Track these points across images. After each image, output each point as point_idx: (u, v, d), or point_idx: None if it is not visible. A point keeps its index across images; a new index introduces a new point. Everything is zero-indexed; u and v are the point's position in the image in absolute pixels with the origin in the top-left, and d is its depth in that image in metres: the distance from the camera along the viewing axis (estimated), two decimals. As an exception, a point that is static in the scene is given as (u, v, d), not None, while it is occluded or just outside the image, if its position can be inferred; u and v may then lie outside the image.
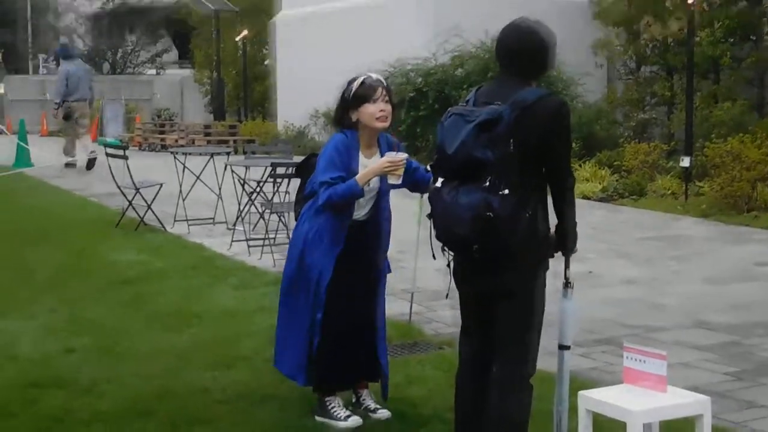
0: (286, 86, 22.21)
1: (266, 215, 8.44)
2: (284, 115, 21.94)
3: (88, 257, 8.18)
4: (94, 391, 4.61)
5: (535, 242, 3.34)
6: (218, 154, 10.97)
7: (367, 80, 4.12)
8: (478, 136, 3.24)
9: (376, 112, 4.07)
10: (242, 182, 8.71)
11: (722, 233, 9.56)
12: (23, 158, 16.57)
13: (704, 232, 9.67)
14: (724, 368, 5.02)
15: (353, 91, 4.10)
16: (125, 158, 9.43)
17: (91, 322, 5.96)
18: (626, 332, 5.70)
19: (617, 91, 17.01)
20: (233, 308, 6.30)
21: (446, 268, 3.53)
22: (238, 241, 8.59)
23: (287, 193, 7.60)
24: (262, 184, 8.50)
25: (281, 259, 6.16)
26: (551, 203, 3.43)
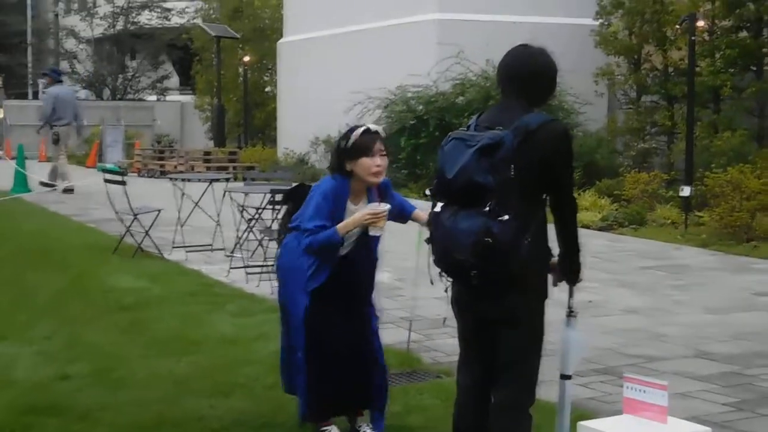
0: (287, 113, 22.29)
1: (264, 242, 8.42)
2: (284, 141, 21.99)
3: (85, 283, 8.15)
4: (89, 417, 4.56)
5: (535, 269, 3.31)
6: (217, 180, 10.97)
7: (365, 132, 4.09)
8: (479, 160, 3.22)
9: (372, 166, 4.06)
10: (241, 209, 8.70)
11: (722, 263, 9.54)
12: (21, 183, 16.59)
13: (704, 261, 9.65)
14: (724, 398, 4.98)
15: (352, 142, 4.08)
16: (123, 184, 9.43)
17: (88, 347, 5.92)
18: (626, 362, 5.67)
19: (618, 120, 17.06)
20: (232, 335, 6.27)
21: (444, 294, 3.50)
22: (236, 268, 8.57)
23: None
24: (260, 210, 8.49)
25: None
26: (552, 230, 3.41)
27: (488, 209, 3.17)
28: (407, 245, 4.84)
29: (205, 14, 30.76)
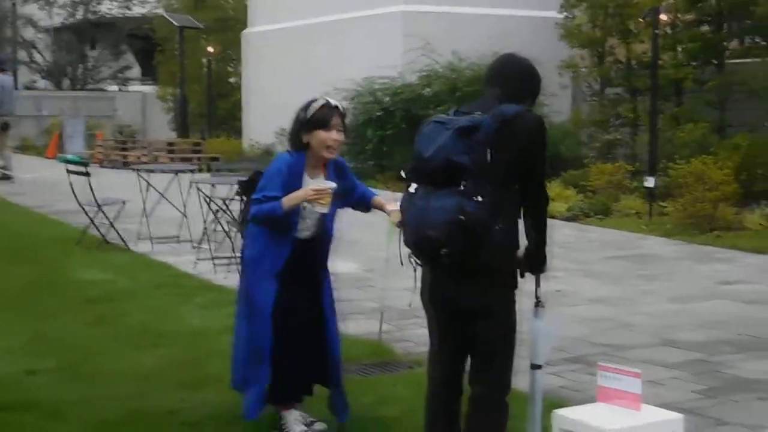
0: (252, 103, 22.14)
1: (232, 233, 8.37)
2: (250, 132, 21.85)
3: (50, 275, 8.03)
4: (59, 414, 4.49)
5: (506, 258, 3.33)
6: (183, 171, 10.87)
7: (326, 105, 4.09)
8: (456, 141, 3.23)
9: (328, 140, 4.05)
10: (208, 200, 8.63)
11: (686, 252, 9.66)
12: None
13: (669, 251, 9.76)
14: (692, 386, 5.04)
15: (311, 114, 4.07)
16: (87, 175, 9.31)
17: (54, 342, 5.83)
18: (595, 351, 5.72)
19: (582, 112, 17.19)
20: (200, 328, 6.22)
21: (414, 287, 3.49)
22: (203, 259, 8.50)
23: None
24: (228, 201, 8.43)
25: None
26: (522, 222, 3.42)
27: (463, 188, 3.18)
28: (376, 236, 4.83)
29: (167, 4, 30.43)
